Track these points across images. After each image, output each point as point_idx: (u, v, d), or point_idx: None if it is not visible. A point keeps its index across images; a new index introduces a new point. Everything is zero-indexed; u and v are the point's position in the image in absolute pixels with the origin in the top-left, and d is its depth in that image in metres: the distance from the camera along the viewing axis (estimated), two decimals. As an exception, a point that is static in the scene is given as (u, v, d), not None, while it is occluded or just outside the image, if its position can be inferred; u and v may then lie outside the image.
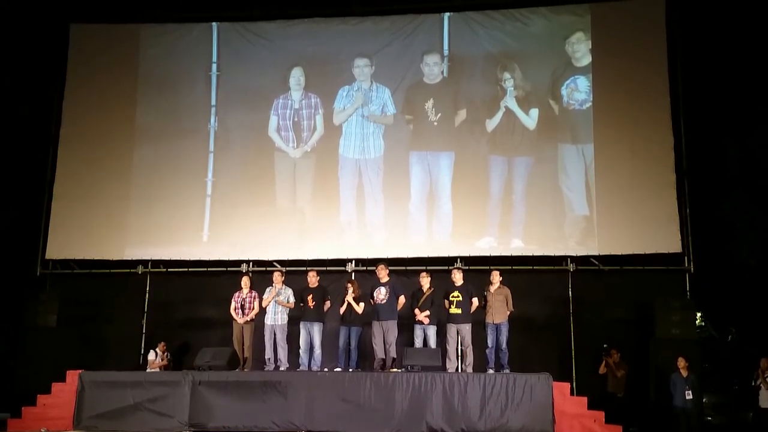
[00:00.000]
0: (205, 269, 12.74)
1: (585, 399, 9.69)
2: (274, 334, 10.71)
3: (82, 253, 12.90)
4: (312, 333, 10.64)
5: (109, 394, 9.96)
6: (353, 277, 12.05)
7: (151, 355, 11.83)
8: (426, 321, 10.45)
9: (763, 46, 12.05)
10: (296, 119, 13.02)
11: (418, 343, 10.50)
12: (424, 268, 11.34)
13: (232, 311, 10.95)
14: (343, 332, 10.69)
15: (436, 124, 12.65)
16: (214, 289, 12.51)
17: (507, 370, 10.15)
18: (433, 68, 12.79)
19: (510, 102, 12.53)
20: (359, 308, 10.62)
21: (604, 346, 11.13)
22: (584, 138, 12.26)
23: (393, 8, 13.14)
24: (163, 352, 11.86)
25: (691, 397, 10.31)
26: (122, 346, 12.65)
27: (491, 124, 12.53)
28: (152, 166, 13.10)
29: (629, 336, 11.62)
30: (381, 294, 10.53)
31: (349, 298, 10.62)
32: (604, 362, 11.10)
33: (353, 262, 12.51)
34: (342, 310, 10.71)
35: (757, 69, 12.16)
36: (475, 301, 10.48)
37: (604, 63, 12.43)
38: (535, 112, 12.46)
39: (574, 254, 12.01)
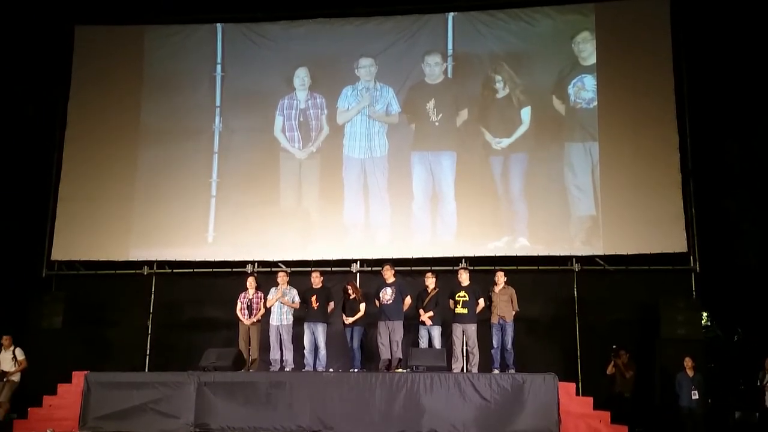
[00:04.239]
0: (210, 270, 12.75)
1: (591, 399, 9.69)
2: (280, 335, 10.72)
3: (87, 254, 12.93)
4: (316, 334, 10.65)
5: (115, 395, 9.96)
6: (357, 278, 12.11)
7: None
8: (429, 322, 10.44)
9: (768, 45, 12.05)
10: (302, 119, 13.03)
11: (423, 343, 10.50)
12: (429, 268, 11.32)
13: (238, 312, 10.98)
14: (346, 333, 10.73)
15: (437, 124, 12.65)
16: (219, 290, 12.51)
17: (512, 370, 10.14)
18: (434, 68, 12.79)
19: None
20: (361, 311, 10.64)
21: (613, 347, 11.09)
22: (591, 137, 12.25)
23: (397, 9, 13.13)
24: (10, 348, 11.04)
25: (697, 397, 10.30)
26: (128, 346, 12.66)
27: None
28: (157, 167, 13.12)
29: (635, 336, 11.60)
30: (387, 294, 10.54)
31: (349, 320, 10.63)
32: (612, 363, 11.07)
33: (358, 262, 12.51)
34: (345, 319, 10.71)
35: (761, 68, 12.12)
36: (481, 302, 10.48)
37: (609, 62, 12.41)
38: (526, 111, 12.43)
39: (580, 254, 12.00)
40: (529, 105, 12.46)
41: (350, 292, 10.81)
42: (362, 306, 10.68)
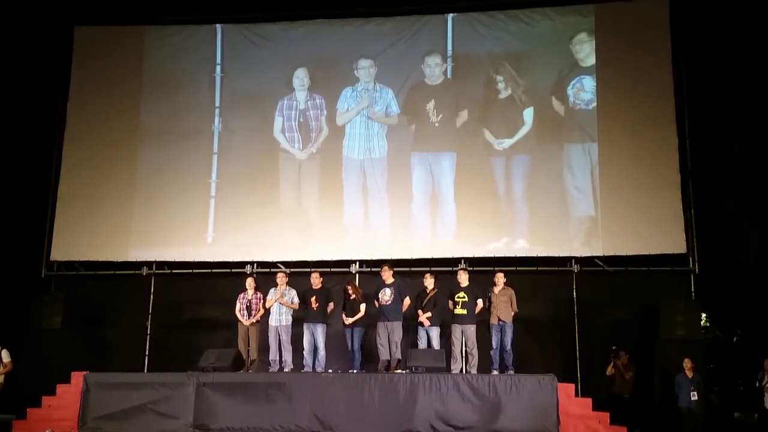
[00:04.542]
0: (210, 270, 12.74)
1: (590, 400, 9.67)
2: (279, 335, 10.72)
3: (86, 254, 12.92)
4: (315, 334, 10.65)
5: (114, 396, 9.96)
6: (357, 279, 12.10)
7: None
8: (426, 323, 10.44)
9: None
10: (302, 120, 13.03)
11: (422, 344, 10.50)
12: (428, 269, 11.33)
13: (237, 313, 10.97)
14: (346, 334, 10.72)
15: (437, 125, 12.65)
16: (218, 291, 12.51)
17: (511, 371, 10.14)
18: (434, 69, 12.79)
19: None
20: (361, 312, 10.64)
21: (613, 347, 11.11)
22: (591, 138, 12.25)
23: (396, 9, 13.13)
24: None
25: (696, 398, 10.30)
26: (127, 347, 12.67)
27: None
28: (156, 168, 13.12)
29: (634, 337, 11.60)
30: (386, 295, 10.54)
31: (349, 320, 10.64)
32: (611, 364, 11.08)
33: (357, 263, 12.51)
34: (345, 319, 10.70)
35: (761, 69, 12.13)
36: (480, 302, 10.47)
37: (609, 63, 12.41)
38: (529, 112, 12.44)
39: (579, 255, 12.00)
40: (532, 106, 12.44)
41: (350, 292, 10.81)
42: (362, 306, 10.68)
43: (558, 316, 12.04)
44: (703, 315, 13.59)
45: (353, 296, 10.75)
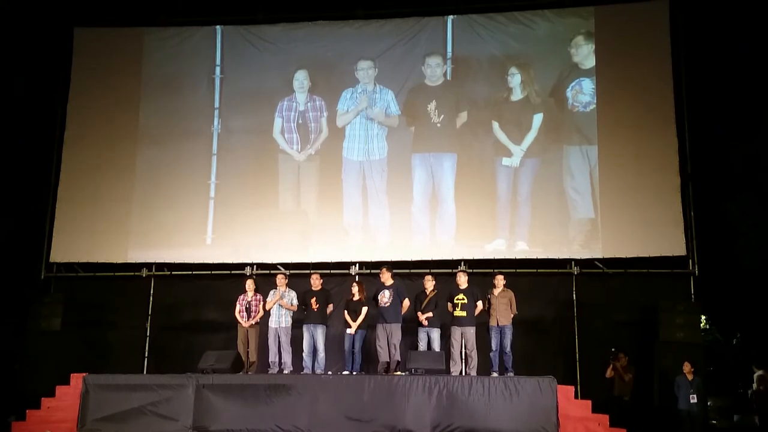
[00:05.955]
0: (209, 272, 12.73)
1: (589, 402, 9.68)
2: (279, 337, 10.72)
3: (86, 256, 12.90)
4: (315, 336, 10.65)
5: (114, 397, 9.94)
6: (357, 280, 12.08)
7: None
8: (425, 323, 10.43)
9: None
10: (301, 121, 13.03)
11: (422, 346, 10.51)
12: (428, 270, 11.32)
13: (237, 314, 10.97)
14: (348, 335, 10.70)
15: (438, 125, 12.65)
16: (217, 292, 12.52)
17: (511, 374, 10.14)
18: (435, 70, 12.79)
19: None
20: (362, 314, 10.61)
21: (612, 350, 11.10)
22: (589, 140, 12.25)
23: (396, 11, 13.14)
24: None
25: (695, 400, 10.30)
26: (126, 349, 12.66)
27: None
28: (156, 169, 13.11)
29: (634, 339, 11.59)
30: (385, 297, 10.54)
31: (352, 321, 10.61)
32: (611, 366, 11.07)
33: (357, 265, 12.50)
34: (350, 329, 10.68)
35: (761, 71, 12.14)
36: (480, 304, 10.48)
37: (608, 66, 12.40)
38: (538, 117, 12.43)
39: (579, 257, 11.99)
40: (542, 112, 12.38)
41: (354, 291, 10.79)
42: (364, 309, 10.65)
43: (557, 318, 12.03)
44: (703, 317, 13.61)
45: (357, 297, 10.73)
